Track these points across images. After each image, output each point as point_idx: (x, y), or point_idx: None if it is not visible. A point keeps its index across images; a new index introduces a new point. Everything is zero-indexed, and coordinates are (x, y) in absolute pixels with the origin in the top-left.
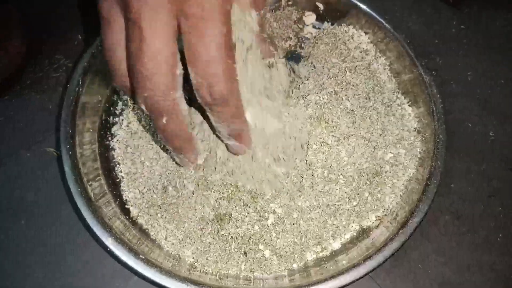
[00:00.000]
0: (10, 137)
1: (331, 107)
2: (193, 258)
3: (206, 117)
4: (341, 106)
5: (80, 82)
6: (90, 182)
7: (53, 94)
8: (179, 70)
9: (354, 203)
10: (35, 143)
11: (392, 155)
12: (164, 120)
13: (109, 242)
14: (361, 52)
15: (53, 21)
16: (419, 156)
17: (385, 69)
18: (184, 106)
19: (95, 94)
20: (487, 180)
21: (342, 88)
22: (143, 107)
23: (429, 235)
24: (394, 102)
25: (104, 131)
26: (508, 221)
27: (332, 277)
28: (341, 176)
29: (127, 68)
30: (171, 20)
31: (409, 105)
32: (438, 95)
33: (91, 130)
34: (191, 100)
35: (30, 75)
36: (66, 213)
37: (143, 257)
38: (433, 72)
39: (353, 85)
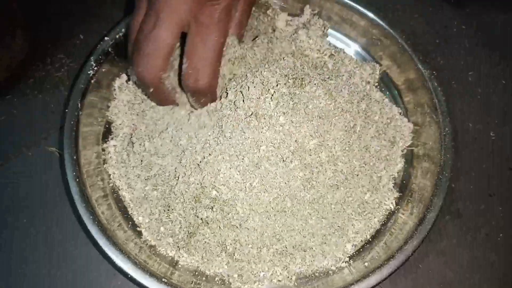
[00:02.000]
0: (12, 135)
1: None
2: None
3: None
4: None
5: (79, 107)
6: (99, 203)
7: (55, 93)
8: (173, 58)
9: (369, 199)
10: (37, 142)
11: (377, 148)
12: (150, 91)
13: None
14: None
15: (56, 20)
16: (425, 151)
17: (373, 74)
18: (168, 82)
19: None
20: (487, 179)
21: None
22: (135, 78)
23: (429, 234)
24: (380, 106)
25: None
26: (508, 221)
27: (358, 280)
28: (348, 173)
29: (133, 42)
30: (183, 19)
31: (409, 101)
32: (439, 89)
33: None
34: None
35: (32, 74)
36: (67, 212)
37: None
38: (434, 71)
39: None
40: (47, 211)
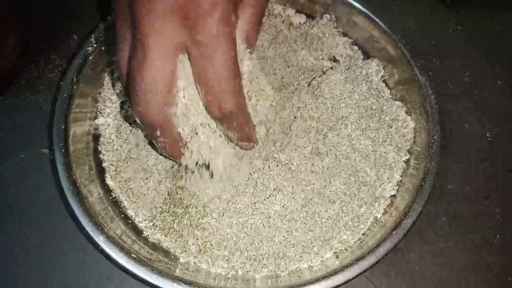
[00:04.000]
0: (5, 137)
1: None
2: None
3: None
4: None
5: (74, 81)
6: (86, 186)
7: (48, 95)
8: (176, 88)
9: (352, 204)
10: (30, 143)
11: (384, 155)
12: (157, 133)
13: (100, 240)
14: (352, 53)
15: (49, 21)
16: (413, 157)
17: (378, 70)
18: (177, 121)
19: (88, 94)
20: (484, 180)
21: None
22: (138, 120)
23: (426, 236)
24: (389, 104)
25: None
26: (505, 222)
27: (325, 277)
28: (334, 179)
29: (127, 82)
30: (176, 41)
31: (403, 107)
32: (433, 96)
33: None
34: None
35: (25, 75)
36: (61, 213)
37: (135, 256)
38: (430, 73)
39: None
40: (40, 212)
